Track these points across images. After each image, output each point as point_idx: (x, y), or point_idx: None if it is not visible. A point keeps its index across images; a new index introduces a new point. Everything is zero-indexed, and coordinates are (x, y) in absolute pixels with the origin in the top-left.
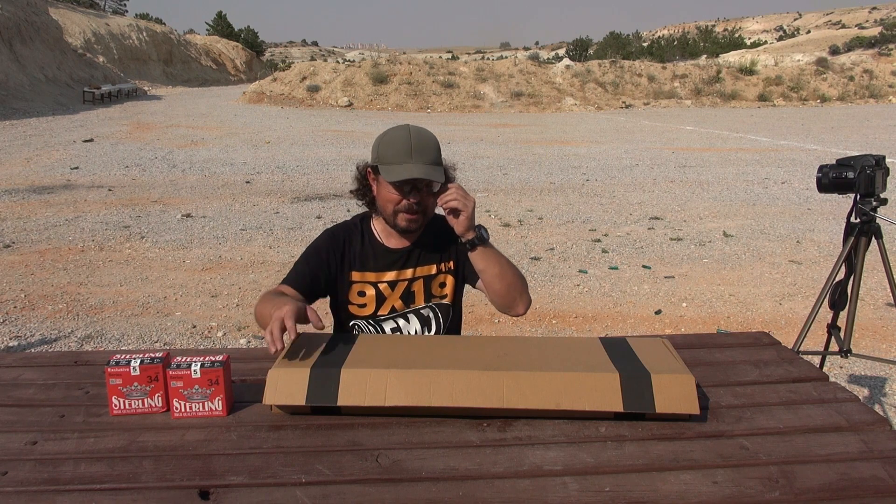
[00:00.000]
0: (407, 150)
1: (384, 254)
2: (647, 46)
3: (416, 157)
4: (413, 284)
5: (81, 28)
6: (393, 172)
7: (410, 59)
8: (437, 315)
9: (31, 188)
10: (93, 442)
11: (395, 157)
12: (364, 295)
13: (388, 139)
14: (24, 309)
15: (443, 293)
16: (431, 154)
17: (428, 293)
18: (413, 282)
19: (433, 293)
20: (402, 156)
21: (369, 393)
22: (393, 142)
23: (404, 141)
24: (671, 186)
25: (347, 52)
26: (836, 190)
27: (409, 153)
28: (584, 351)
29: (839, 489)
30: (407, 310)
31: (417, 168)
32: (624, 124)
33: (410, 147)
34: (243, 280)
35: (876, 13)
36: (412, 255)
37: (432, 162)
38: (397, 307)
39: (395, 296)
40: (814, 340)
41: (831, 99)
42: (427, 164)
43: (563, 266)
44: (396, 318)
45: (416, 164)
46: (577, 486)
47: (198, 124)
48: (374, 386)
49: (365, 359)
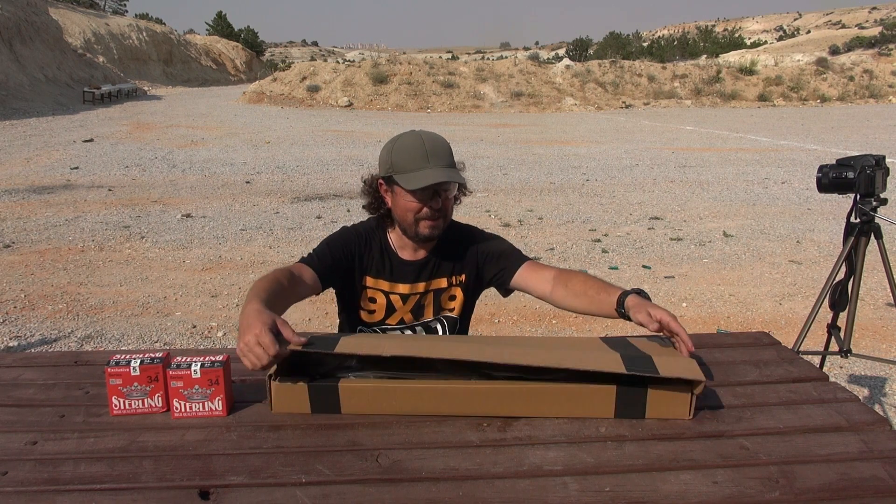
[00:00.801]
0: (423, 156)
1: (399, 265)
2: (647, 46)
3: (433, 162)
4: (424, 298)
5: (81, 28)
6: (413, 180)
7: (410, 59)
8: (444, 327)
9: (31, 188)
10: (93, 442)
11: (411, 164)
12: (374, 302)
13: (401, 147)
14: (24, 309)
15: (451, 306)
16: (447, 157)
17: (437, 306)
18: (424, 295)
19: (442, 306)
20: (420, 161)
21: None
22: (406, 149)
23: (419, 147)
24: (671, 186)
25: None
26: (836, 190)
27: (425, 158)
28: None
29: (839, 489)
30: (416, 322)
31: (438, 172)
32: (624, 124)
33: (426, 152)
34: (243, 280)
35: (876, 13)
36: (425, 268)
37: (449, 164)
38: (406, 320)
39: (405, 309)
40: (814, 340)
41: (831, 99)
42: (446, 167)
43: (563, 266)
44: (404, 330)
45: (434, 168)
46: (577, 486)
47: (198, 124)
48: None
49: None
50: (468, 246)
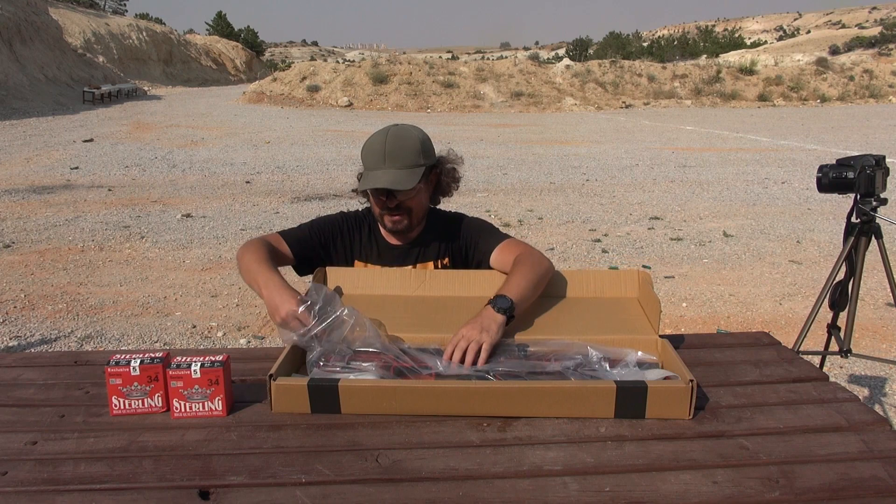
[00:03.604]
0: (380, 156)
1: (386, 249)
2: (647, 46)
3: (388, 163)
4: None
5: (81, 28)
6: (364, 181)
7: (410, 59)
8: None
9: (31, 188)
10: (93, 442)
11: (369, 163)
12: None
13: (367, 145)
14: (24, 309)
15: None
16: (405, 158)
17: None
18: None
19: None
20: (376, 162)
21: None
22: (369, 148)
23: (379, 147)
24: (671, 186)
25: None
26: (836, 190)
27: (382, 159)
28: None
29: (839, 489)
30: None
31: (386, 175)
32: (624, 124)
33: (384, 153)
34: (243, 280)
35: (876, 13)
36: (412, 252)
37: (405, 166)
38: None
39: None
40: (814, 340)
41: (831, 99)
42: (398, 170)
43: (563, 266)
44: None
45: (386, 170)
46: (577, 486)
47: (198, 124)
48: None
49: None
50: (453, 231)
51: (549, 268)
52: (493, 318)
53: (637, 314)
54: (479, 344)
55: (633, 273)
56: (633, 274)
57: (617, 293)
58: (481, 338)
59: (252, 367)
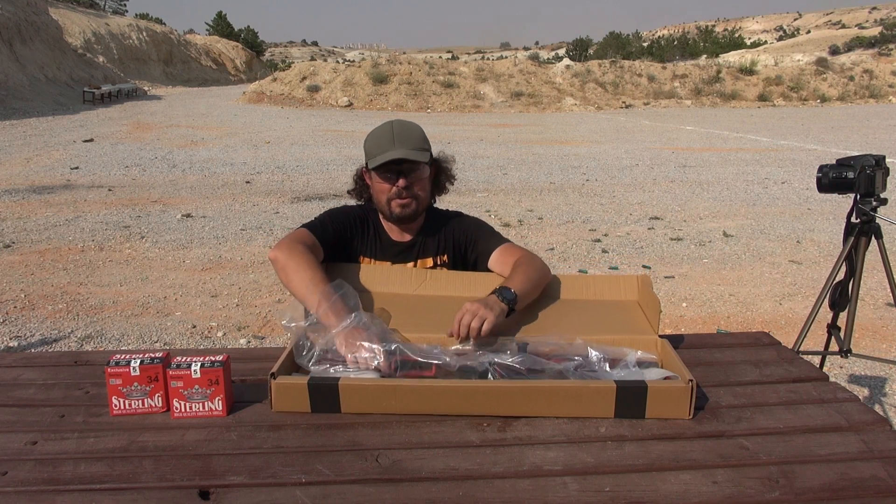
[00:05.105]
0: (390, 140)
1: (389, 245)
2: (647, 46)
3: (398, 144)
4: None
5: (81, 28)
6: (377, 160)
7: (410, 59)
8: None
9: (31, 188)
10: (93, 442)
11: (378, 148)
12: None
13: (373, 134)
14: (24, 309)
15: None
16: (415, 141)
17: None
18: None
19: None
20: (386, 145)
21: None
22: (376, 135)
23: (387, 132)
24: (671, 186)
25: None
26: (836, 190)
27: (392, 141)
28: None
29: (839, 489)
30: None
31: (399, 151)
32: (624, 124)
33: (393, 136)
34: (243, 280)
35: (876, 13)
36: (413, 248)
37: (415, 147)
38: None
39: None
40: (814, 340)
41: (831, 99)
42: (409, 149)
43: (563, 266)
44: None
45: (398, 149)
46: (577, 486)
47: (198, 124)
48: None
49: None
50: (451, 229)
51: (548, 273)
52: (496, 302)
53: (637, 314)
54: (482, 319)
55: (633, 278)
56: (632, 279)
57: (616, 297)
58: (485, 313)
59: (252, 367)
